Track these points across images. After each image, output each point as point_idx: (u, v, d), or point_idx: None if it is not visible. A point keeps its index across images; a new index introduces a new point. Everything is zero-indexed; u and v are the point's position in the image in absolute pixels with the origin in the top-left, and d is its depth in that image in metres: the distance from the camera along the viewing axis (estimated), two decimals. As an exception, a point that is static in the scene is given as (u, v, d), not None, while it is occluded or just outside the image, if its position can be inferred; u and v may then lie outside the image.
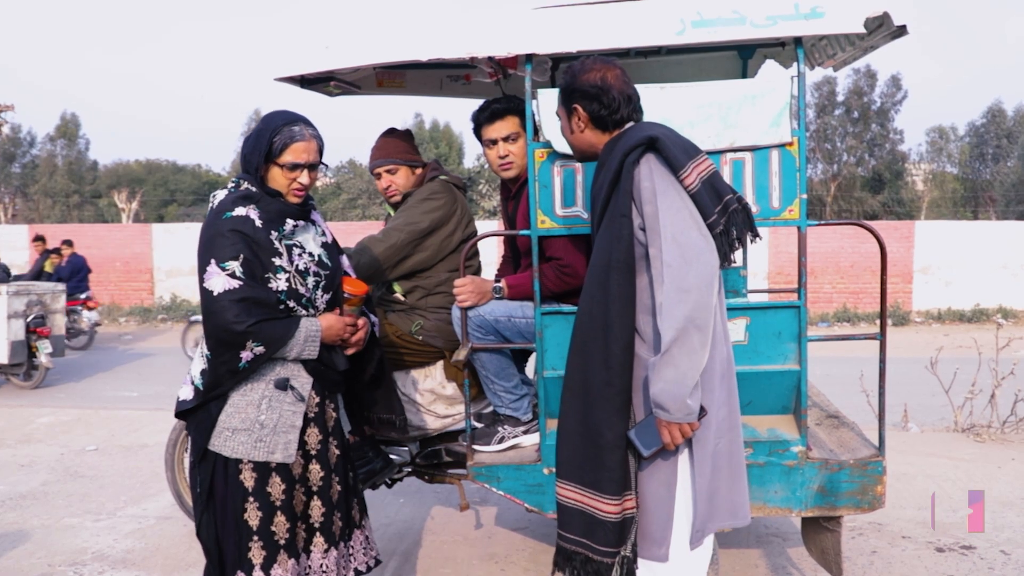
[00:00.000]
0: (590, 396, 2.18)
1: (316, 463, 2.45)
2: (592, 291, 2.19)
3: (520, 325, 2.99)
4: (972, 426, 6.08)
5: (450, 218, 3.34)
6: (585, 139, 2.33)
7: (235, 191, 2.36)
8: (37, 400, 8.29)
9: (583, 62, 2.30)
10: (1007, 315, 15.96)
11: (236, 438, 2.30)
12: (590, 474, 2.19)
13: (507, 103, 3.12)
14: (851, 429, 3.20)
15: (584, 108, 2.27)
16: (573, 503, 2.24)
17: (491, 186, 25.40)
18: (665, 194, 2.08)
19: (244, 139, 2.41)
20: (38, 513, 4.50)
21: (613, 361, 2.13)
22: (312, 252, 2.43)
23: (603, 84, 2.24)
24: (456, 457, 3.45)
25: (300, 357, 2.34)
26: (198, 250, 2.30)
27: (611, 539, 2.17)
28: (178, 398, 2.42)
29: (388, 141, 3.46)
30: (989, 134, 31.99)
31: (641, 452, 2.13)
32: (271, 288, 2.29)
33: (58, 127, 36.13)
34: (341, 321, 2.45)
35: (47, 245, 12.89)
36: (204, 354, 2.31)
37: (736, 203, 2.16)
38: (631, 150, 2.14)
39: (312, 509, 2.46)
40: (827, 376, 5.98)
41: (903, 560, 3.66)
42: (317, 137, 2.38)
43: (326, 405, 2.49)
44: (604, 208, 2.21)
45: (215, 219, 2.29)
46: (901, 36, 2.65)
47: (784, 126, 2.66)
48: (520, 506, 2.94)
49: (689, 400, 2.03)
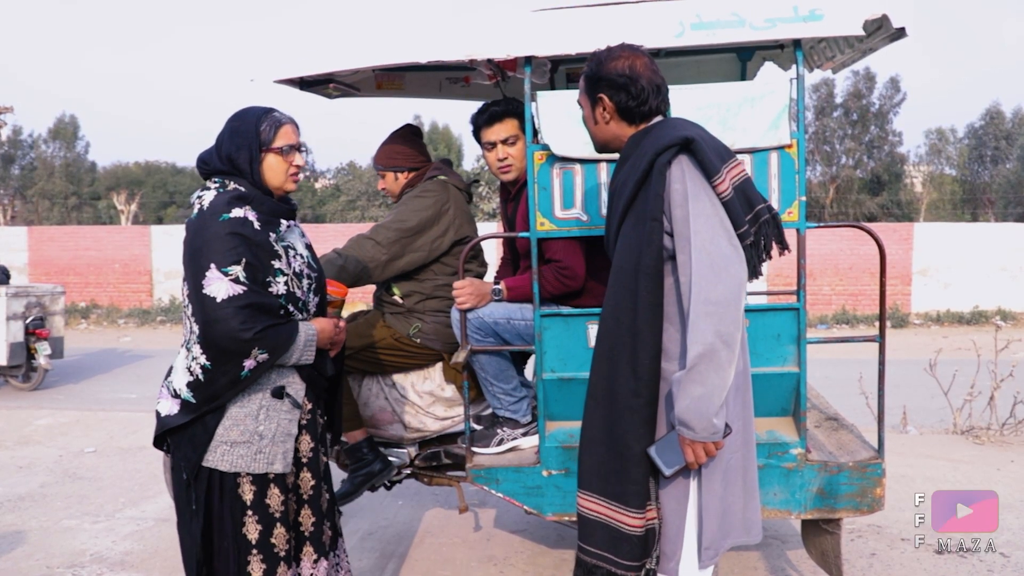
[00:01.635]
0: (617, 406, 2.08)
1: (307, 471, 2.40)
2: (619, 296, 2.10)
3: (519, 327, 2.99)
4: (971, 428, 6.08)
5: (440, 217, 3.30)
6: (609, 131, 2.21)
7: (224, 191, 2.26)
8: (35, 402, 8.28)
9: (609, 49, 2.17)
10: (1006, 317, 15.96)
11: (235, 451, 2.23)
12: (615, 487, 2.10)
13: (505, 105, 3.11)
14: (850, 431, 3.20)
15: (611, 98, 2.14)
16: (595, 515, 2.14)
17: (491, 188, 25.41)
18: (697, 199, 1.98)
19: (216, 143, 2.32)
20: (36, 515, 4.50)
21: (642, 371, 2.03)
22: (302, 253, 2.40)
23: (631, 73, 2.11)
24: (455, 459, 3.45)
25: (299, 362, 2.30)
26: (188, 254, 2.18)
27: (636, 553, 2.08)
28: (158, 413, 2.30)
29: (383, 146, 3.47)
30: (988, 136, 31.99)
31: (663, 471, 2.04)
32: (272, 292, 2.23)
33: (51, 130, 36.05)
34: (331, 324, 2.42)
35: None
36: (200, 364, 2.19)
37: (767, 213, 2.08)
38: (664, 150, 2.03)
39: (303, 518, 2.40)
40: (826, 378, 5.98)
41: (902, 562, 3.66)
42: (294, 120, 2.37)
43: (316, 412, 2.45)
44: (628, 206, 2.11)
45: (209, 221, 2.18)
46: (900, 38, 2.66)
47: (783, 128, 2.66)
48: (519, 508, 2.93)
49: (715, 419, 1.94)
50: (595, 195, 2.77)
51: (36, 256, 18.13)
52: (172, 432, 2.28)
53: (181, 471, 2.28)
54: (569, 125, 2.70)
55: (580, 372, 2.81)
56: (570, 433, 2.87)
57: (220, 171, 2.30)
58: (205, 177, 2.34)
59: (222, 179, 2.29)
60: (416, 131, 3.59)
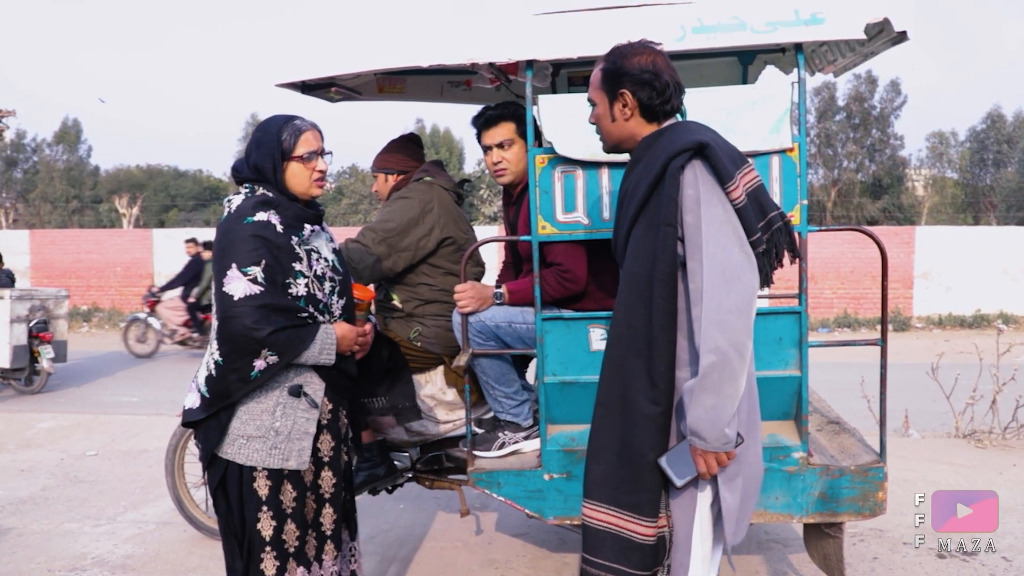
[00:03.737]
0: (631, 415, 2.04)
1: (328, 470, 2.44)
2: (632, 302, 2.06)
3: (521, 331, 2.99)
4: (973, 432, 6.07)
5: (424, 217, 3.29)
6: (627, 129, 2.14)
7: (252, 196, 2.34)
8: (37, 405, 8.28)
9: (629, 44, 2.12)
10: (1008, 320, 15.95)
11: (251, 445, 2.29)
12: (629, 496, 2.06)
13: (502, 109, 3.11)
14: (852, 435, 3.19)
15: (634, 94, 2.08)
16: (605, 526, 2.09)
17: (491, 191, 25.43)
18: (709, 205, 1.95)
19: (245, 153, 2.41)
20: (38, 518, 4.50)
21: (659, 379, 2.00)
22: (327, 257, 2.45)
23: (655, 69, 2.06)
24: (456, 463, 3.45)
25: (318, 363, 2.34)
26: (215, 253, 2.28)
27: (647, 562, 2.06)
28: (184, 405, 2.40)
29: (380, 151, 3.53)
30: (989, 139, 31.96)
31: (674, 482, 2.01)
32: (291, 293, 2.28)
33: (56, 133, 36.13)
34: (354, 331, 2.46)
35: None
36: (214, 360, 2.27)
37: (780, 220, 2.06)
38: (677, 153, 1.99)
39: (324, 517, 2.45)
40: (828, 382, 5.97)
41: (904, 566, 3.65)
42: (316, 125, 2.42)
43: (339, 411, 2.49)
44: (639, 209, 2.08)
45: (235, 224, 2.27)
46: (901, 42, 2.66)
47: (784, 132, 2.66)
48: (520, 512, 2.93)
49: (727, 429, 1.91)
50: (597, 199, 2.77)
51: (38, 259, 18.17)
52: (193, 425, 2.38)
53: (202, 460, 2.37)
54: (572, 128, 2.70)
55: (581, 376, 2.82)
56: (571, 436, 2.87)
57: (249, 179, 2.39)
58: (238, 183, 2.42)
59: (251, 185, 2.38)
60: (415, 139, 3.63)
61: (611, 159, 2.68)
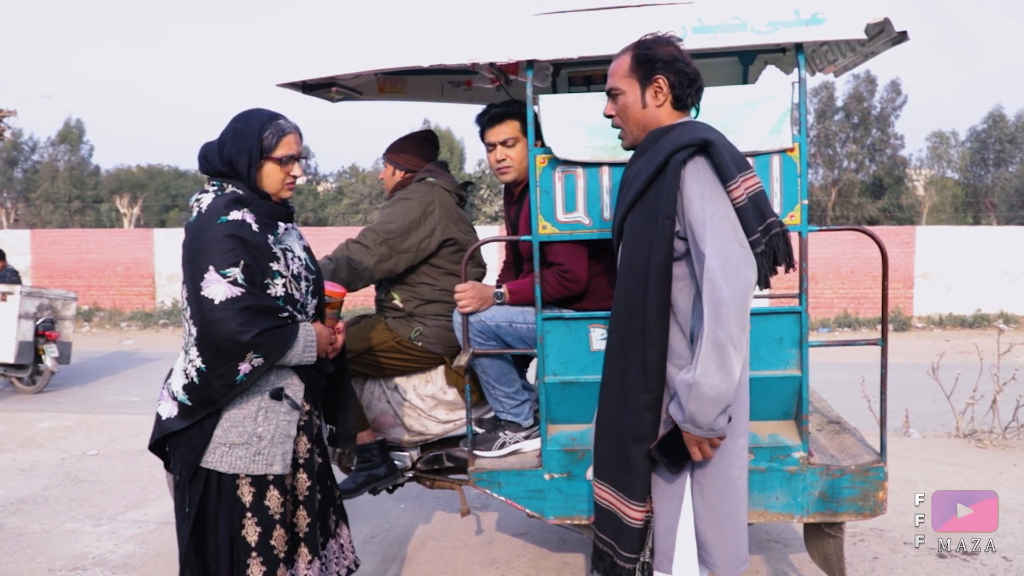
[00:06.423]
0: (627, 400, 2.12)
1: (303, 472, 2.40)
2: (629, 291, 2.12)
3: (521, 330, 2.99)
4: (973, 432, 6.08)
5: (425, 218, 3.30)
6: (656, 116, 2.17)
7: (222, 194, 2.26)
8: (38, 404, 8.29)
9: (654, 35, 2.16)
10: (1008, 320, 15.94)
11: (234, 452, 2.23)
12: (623, 478, 2.15)
13: (506, 107, 3.12)
14: (852, 435, 3.19)
15: (668, 80, 2.11)
16: (607, 504, 2.22)
17: (492, 191, 25.42)
18: (712, 200, 2.00)
19: (219, 143, 2.31)
20: (39, 518, 4.50)
21: (651, 367, 2.07)
22: (300, 256, 2.40)
23: (684, 59, 2.11)
24: (457, 463, 3.45)
25: (300, 363, 2.30)
26: (187, 256, 2.18)
27: (634, 545, 2.15)
28: (158, 416, 2.30)
29: (397, 140, 3.52)
30: (990, 139, 31.96)
31: (669, 468, 2.09)
32: (270, 294, 2.23)
33: (60, 132, 36.18)
34: (327, 329, 2.43)
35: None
36: (196, 367, 2.19)
37: (778, 226, 2.09)
38: (680, 148, 2.04)
39: (298, 519, 2.40)
40: (828, 382, 5.98)
41: (905, 566, 3.65)
42: (299, 128, 2.36)
43: (313, 413, 2.45)
44: (637, 196, 2.12)
45: (208, 223, 2.18)
46: (902, 42, 2.65)
47: (785, 132, 2.66)
48: (521, 512, 2.93)
49: (720, 416, 1.99)
50: (597, 199, 2.77)
51: (39, 259, 18.17)
52: (171, 436, 2.28)
53: (177, 473, 2.28)
54: (571, 128, 2.70)
55: (582, 376, 2.82)
56: (572, 436, 2.87)
57: (219, 172, 2.30)
58: (204, 172, 2.34)
59: (220, 182, 2.30)
60: (431, 138, 3.61)
61: (611, 159, 2.68)
